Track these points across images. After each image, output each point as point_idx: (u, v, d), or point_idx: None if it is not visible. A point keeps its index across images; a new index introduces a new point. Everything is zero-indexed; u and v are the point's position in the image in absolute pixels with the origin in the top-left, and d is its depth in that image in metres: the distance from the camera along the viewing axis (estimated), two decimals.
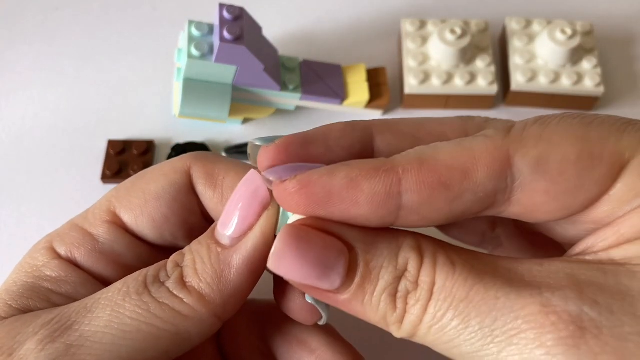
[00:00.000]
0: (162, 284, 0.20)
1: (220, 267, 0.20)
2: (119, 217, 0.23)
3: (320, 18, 0.44)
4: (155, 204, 0.23)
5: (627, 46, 0.43)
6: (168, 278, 0.20)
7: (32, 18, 0.44)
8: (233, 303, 0.20)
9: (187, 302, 0.19)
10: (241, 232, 0.20)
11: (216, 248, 0.20)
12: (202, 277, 0.20)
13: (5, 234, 0.35)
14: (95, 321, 0.19)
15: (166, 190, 0.23)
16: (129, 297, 0.19)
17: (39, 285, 0.21)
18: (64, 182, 0.37)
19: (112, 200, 0.23)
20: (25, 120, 0.40)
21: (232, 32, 0.34)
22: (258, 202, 0.20)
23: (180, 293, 0.19)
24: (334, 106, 0.39)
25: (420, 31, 0.40)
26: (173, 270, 0.20)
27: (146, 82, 0.41)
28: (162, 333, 0.19)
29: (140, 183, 0.23)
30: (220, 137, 0.39)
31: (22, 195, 0.37)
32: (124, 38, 0.43)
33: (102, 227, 0.23)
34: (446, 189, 0.17)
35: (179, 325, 0.19)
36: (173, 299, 0.19)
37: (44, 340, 0.19)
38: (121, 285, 0.20)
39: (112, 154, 0.37)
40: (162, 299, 0.19)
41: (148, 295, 0.19)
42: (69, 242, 0.23)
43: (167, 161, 0.24)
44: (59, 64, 0.42)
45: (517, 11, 0.43)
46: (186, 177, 0.23)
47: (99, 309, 0.19)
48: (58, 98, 0.40)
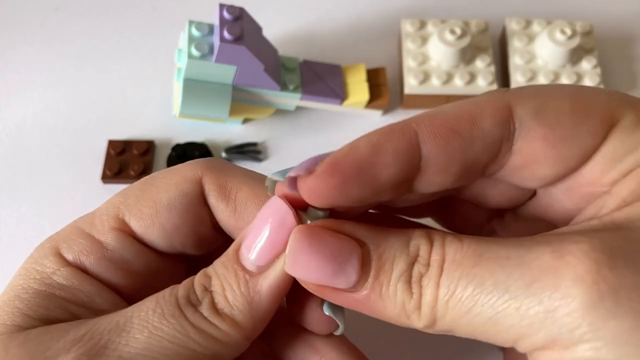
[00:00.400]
0: (196, 308, 0.20)
1: (250, 295, 0.20)
2: (127, 224, 0.22)
3: (320, 18, 0.44)
4: (167, 214, 0.22)
5: (627, 46, 0.43)
6: (199, 302, 0.20)
7: (32, 18, 0.44)
8: (262, 325, 0.21)
9: (221, 328, 0.20)
10: (269, 261, 0.20)
11: (244, 275, 0.20)
12: (233, 305, 0.20)
13: (5, 234, 0.35)
14: (132, 342, 0.19)
15: (178, 200, 0.22)
16: (166, 320, 0.19)
17: (52, 294, 0.21)
18: (64, 182, 0.37)
19: (121, 207, 0.23)
20: (25, 120, 0.40)
21: (232, 32, 0.34)
22: (286, 230, 0.20)
23: (215, 320, 0.20)
24: (334, 106, 0.39)
25: (420, 31, 0.40)
26: (203, 295, 0.20)
27: (146, 82, 0.41)
28: (199, 356, 0.20)
29: (151, 191, 0.23)
30: (220, 137, 0.39)
31: (22, 195, 0.37)
32: (124, 38, 0.43)
33: (111, 235, 0.22)
34: (458, 135, 0.18)
35: (215, 349, 0.20)
36: (208, 325, 0.20)
37: (80, 358, 0.18)
38: (154, 306, 0.20)
39: (113, 154, 0.37)
40: (198, 323, 0.20)
41: (184, 320, 0.20)
42: (77, 249, 0.22)
43: (178, 168, 0.23)
44: (59, 64, 0.42)
45: (517, 11, 0.43)
46: (198, 187, 0.23)
47: (134, 329, 0.19)
48: (58, 98, 0.40)
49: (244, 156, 0.38)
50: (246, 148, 0.38)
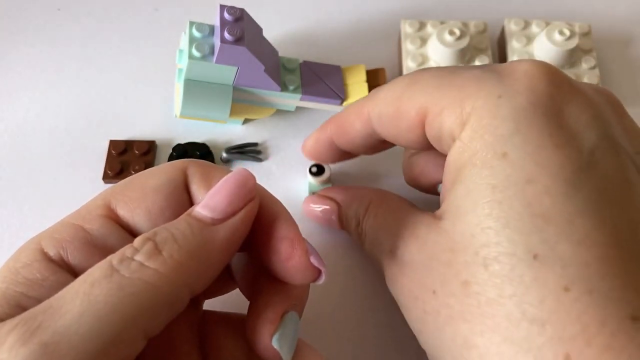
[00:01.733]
0: (131, 259, 0.20)
1: (202, 239, 0.21)
2: (114, 211, 0.23)
3: (320, 19, 0.44)
4: (153, 196, 0.23)
5: (625, 47, 0.43)
6: (137, 251, 0.20)
7: (33, 19, 0.44)
8: (206, 276, 0.21)
9: (161, 270, 0.19)
10: (225, 215, 0.21)
11: (197, 223, 0.21)
12: (182, 245, 0.20)
13: (7, 234, 0.36)
14: (66, 315, 0.18)
15: (164, 184, 0.23)
16: (97, 283, 0.19)
17: (11, 290, 0.20)
18: (66, 182, 0.37)
19: (108, 196, 0.23)
20: (27, 120, 0.40)
21: (232, 33, 0.34)
22: (246, 190, 0.22)
23: (154, 263, 0.20)
24: (334, 107, 0.39)
25: (420, 32, 0.40)
26: (144, 244, 0.20)
27: (147, 83, 0.41)
28: (137, 310, 0.19)
29: (139, 179, 0.24)
30: (220, 137, 0.39)
31: (24, 195, 0.37)
32: (126, 39, 0.43)
33: (97, 221, 0.23)
34: (347, 134, 0.30)
35: (153, 298, 0.19)
36: (145, 270, 0.19)
37: (14, 344, 0.18)
38: (86, 276, 0.19)
39: (114, 154, 0.37)
40: (133, 273, 0.19)
41: (118, 275, 0.19)
42: (60, 238, 0.22)
43: (166, 163, 0.25)
44: (61, 65, 0.42)
45: (516, 12, 0.43)
46: (183, 175, 0.24)
47: (66, 303, 0.19)
48: (59, 98, 0.41)
49: (244, 156, 0.38)
50: (246, 148, 0.38)
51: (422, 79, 0.26)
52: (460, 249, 0.23)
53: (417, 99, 0.25)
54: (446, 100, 0.24)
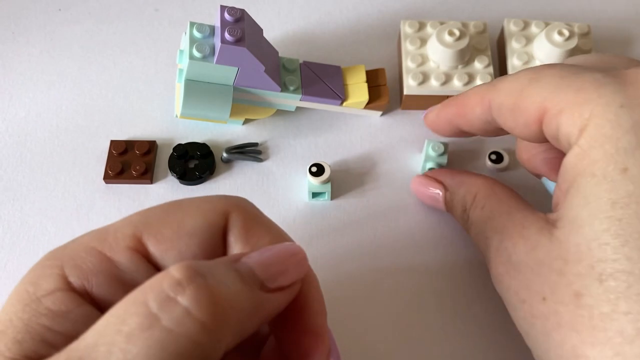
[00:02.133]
0: (176, 301, 0.17)
1: (256, 302, 0.19)
2: (144, 245, 0.21)
3: (320, 20, 0.45)
4: (188, 241, 0.21)
5: (625, 47, 0.43)
6: (182, 289, 0.17)
7: (34, 19, 0.44)
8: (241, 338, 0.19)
9: (209, 325, 0.17)
10: (277, 288, 0.20)
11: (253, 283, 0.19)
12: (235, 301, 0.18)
13: (8, 234, 0.36)
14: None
15: (201, 228, 0.21)
16: (135, 337, 0.16)
17: (34, 322, 0.19)
18: (66, 182, 0.37)
19: (139, 226, 0.21)
20: (27, 120, 0.40)
21: (233, 34, 0.34)
22: (302, 270, 0.21)
23: (203, 312, 0.17)
24: (333, 107, 0.39)
25: (419, 33, 0.41)
26: (191, 280, 0.17)
27: (148, 83, 0.41)
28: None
29: (175, 214, 0.22)
30: (221, 137, 0.39)
31: (24, 195, 0.37)
32: (126, 39, 0.44)
33: (125, 254, 0.21)
34: (464, 116, 0.31)
35: (195, 357, 0.17)
36: (192, 324, 0.17)
37: None
38: (119, 324, 0.17)
39: (114, 154, 0.38)
40: (178, 326, 0.16)
41: (158, 327, 0.16)
42: (85, 268, 0.20)
43: (206, 197, 0.23)
44: (61, 65, 0.42)
45: (516, 13, 0.43)
46: (223, 221, 0.22)
47: (100, 357, 0.16)
48: (60, 98, 0.41)
49: (245, 156, 0.38)
50: (246, 148, 0.38)
51: (544, 76, 0.26)
52: (574, 260, 0.23)
53: (537, 96, 0.25)
54: (565, 102, 0.24)
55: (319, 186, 0.35)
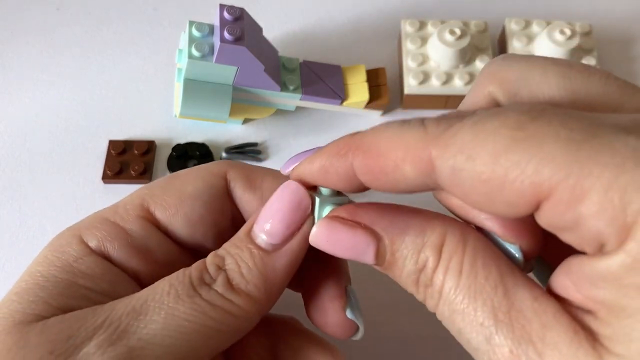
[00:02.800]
0: (210, 286, 0.20)
1: (265, 271, 0.21)
2: (152, 214, 0.23)
3: (320, 19, 0.44)
4: (191, 204, 0.23)
5: (626, 46, 0.43)
6: (214, 281, 0.21)
7: (33, 18, 0.44)
8: (274, 299, 0.22)
9: (237, 303, 0.20)
10: (283, 239, 0.21)
11: (259, 253, 0.21)
12: (249, 281, 0.21)
13: (7, 234, 0.35)
14: (152, 324, 0.19)
15: (203, 191, 0.23)
16: (181, 300, 0.20)
17: (75, 283, 0.21)
18: (65, 182, 0.37)
19: (146, 198, 0.23)
20: (26, 120, 0.40)
21: (232, 33, 0.34)
22: (302, 212, 0.21)
23: (231, 296, 0.20)
24: (333, 106, 0.39)
25: (420, 32, 0.40)
26: (217, 273, 0.21)
27: (147, 83, 0.41)
28: (214, 332, 0.20)
29: (176, 183, 0.24)
30: (220, 137, 0.39)
31: (23, 195, 0.37)
32: (125, 38, 0.43)
33: (136, 222, 0.23)
34: (385, 174, 0.18)
35: (230, 324, 0.20)
36: (224, 302, 0.20)
37: (103, 344, 0.19)
38: (168, 288, 0.20)
39: (113, 154, 0.37)
40: (214, 301, 0.20)
41: (200, 298, 0.20)
42: (100, 235, 0.22)
43: (202, 165, 0.25)
44: (60, 65, 0.42)
45: (517, 12, 0.43)
46: (223, 181, 0.24)
47: (150, 311, 0.20)
48: (59, 98, 0.41)
49: (244, 156, 0.38)
50: (246, 148, 0.38)
51: (542, 135, 0.16)
52: None
53: (531, 170, 0.16)
54: (589, 184, 0.15)
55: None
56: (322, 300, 0.23)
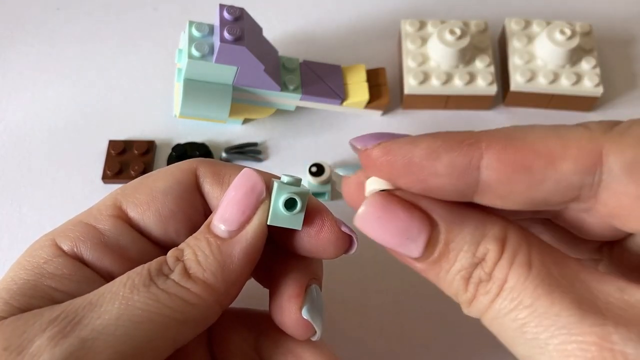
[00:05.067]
0: (167, 276, 0.21)
1: (222, 258, 0.21)
2: (125, 212, 0.23)
3: (320, 19, 0.44)
4: (163, 200, 0.23)
5: (626, 46, 0.43)
6: (171, 271, 0.21)
7: (33, 18, 0.44)
8: (234, 290, 0.22)
9: (193, 291, 0.20)
10: (239, 225, 0.21)
11: (215, 241, 0.21)
12: (205, 268, 0.21)
13: (6, 234, 0.35)
14: (105, 314, 0.19)
15: (173, 187, 0.24)
16: (137, 290, 0.20)
17: (41, 283, 0.21)
18: (65, 182, 0.37)
19: (118, 197, 0.24)
20: (26, 120, 0.40)
21: (232, 33, 0.34)
22: (255, 196, 0.22)
23: (187, 284, 0.20)
24: (333, 106, 0.39)
25: (420, 32, 0.40)
26: (175, 264, 0.21)
27: (147, 83, 0.41)
28: (171, 322, 0.20)
29: (147, 181, 0.24)
30: (220, 137, 0.39)
31: (23, 195, 0.37)
32: (125, 38, 0.43)
33: (109, 221, 0.23)
34: (527, 172, 0.16)
35: (187, 313, 0.20)
36: (180, 289, 0.20)
37: (55, 336, 0.19)
38: (125, 279, 0.20)
39: (113, 154, 0.37)
40: (169, 289, 0.20)
41: (156, 287, 0.20)
42: (73, 236, 0.23)
43: (173, 164, 0.25)
44: (60, 64, 0.42)
45: (517, 12, 0.43)
46: (193, 177, 0.24)
47: (106, 303, 0.20)
48: (59, 98, 0.41)
49: (244, 156, 0.38)
50: (246, 148, 0.38)
51: None
52: None
53: None
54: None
55: (319, 186, 0.35)
56: (282, 298, 0.23)
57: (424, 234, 0.18)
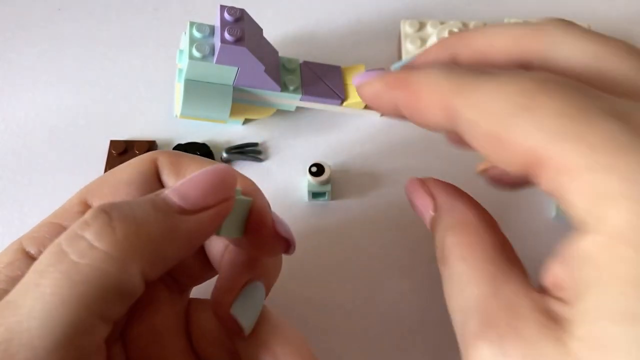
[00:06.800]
0: (82, 237, 0.18)
1: (167, 225, 0.19)
2: (90, 206, 0.23)
3: (320, 20, 0.44)
4: (126, 189, 0.23)
5: None
6: (88, 226, 0.18)
7: (34, 19, 0.44)
8: (163, 265, 0.20)
9: (111, 253, 0.18)
10: (195, 207, 0.20)
11: (165, 207, 0.19)
12: (141, 225, 0.19)
13: (7, 234, 0.36)
14: (19, 310, 0.17)
15: (135, 177, 0.24)
16: (46, 272, 0.18)
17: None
18: (66, 182, 0.37)
19: (84, 194, 0.24)
20: (27, 120, 0.40)
21: (232, 34, 0.34)
22: (224, 186, 0.21)
23: (104, 243, 0.18)
24: (333, 107, 0.39)
25: (420, 32, 0.40)
26: (96, 217, 0.18)
27: (148, 83, 0.41)
28: (88, 299, 0.17)
29: (110, 175, 0.24)
30: (221, 137, 0.39)
31: (24, 195, 0.37)
32: (126, 39, 0.43)
33: (75, 218, 0.22)
34: (419, 113, 0.21)
35: (104, 284, 0.18)
36: (94, 253, 0.18)
37: None
38: (36, 265, 0.18)
39: (114, 154, 0.38)
40: (82, 257, 0.18)
41: (66, 260, 0.18)
42: (40, 237, 0.22)
43: (136, 157, 0.25)
44: (61, 65, 0.42)
45: (515, 12, 0.43)
46: (153, 167, 0.24)
47: (20, 297, 0.18)
48: (60, 98, 0.41)
49: (245, 156, 0.38)
50: (246, 148, 0.38)
51: (540, 107, 0.17)
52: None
53: (527, 136, 0.17)
54: (575, 163, 0.17)
55: (319, 186, 0.35)
56: (218, 290, 0.23)
57: (428, 214, 0.24)
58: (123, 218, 0.19)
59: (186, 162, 0.24)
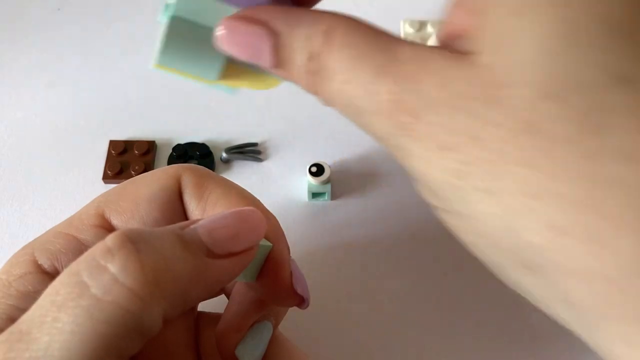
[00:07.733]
0: (105, 268, 0.17)
1: (197, 268, 0.18)
2: (107, 221, 0.22)
3: None
4: (147, 207, 0.22)
5: None
6: (112, 256, 0.17)
7: (33, 18, 0.44)
8: (186, 306, 0.19)
9: (138, 292, 0.17)
10: (225, 254, 0.19)
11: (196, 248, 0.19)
12: (170, 267, 0.17)
13: (7, 234, 0.36)
14: (33, 344, 0.16)
15: (158, 194, 0.22)
16: (65, 307, 0.16)
17: (3, 303, 0.20)
18: (66, 182, 0.37)
19: (101, 205, 0.23)
20: (27, 120, 0.40)
21: None
22: (255, 236, 0.20)
23: (131, 279, 0.17)
24: None
25: (420, 32, 0.40)
26: (121, 246, 0.17)
27: (147, 83, 0.41)
28: (110, 340, 0.16)
29: (131, 187, 0.23)
30: (220, 137, 0.39)
31: (23, 195, 0.37)
32: (126, 38, 0.43)
33: (91, 231, 0.22)
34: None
35: (127, 325, 0.17)
36: (119, 290, 0.16)
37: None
38: (53, 295, 0.17)
39: (114, 154, 0.37)
40: (106, 294, 0.16)
41: (87, 295, 0.16)
42: (53, 249, 0.21)
43: (159, 168, 0.24)
44: (61, 64, 0.42)
45: None
46: (176, 184, 0.23)
47: (34, 329, 0.16)
48: (59, 98, 0.41)
49: (244, 156, 0.38)
50: (246, 148, 0.38)
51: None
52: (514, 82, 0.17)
53: None
54: None
55: (319, 186, 0.35)
56: (224, 325, 0.22)
57: (268, 43, 0.20)
58: (151, 252, 0.17)
59: (211, 186, 0.23)
